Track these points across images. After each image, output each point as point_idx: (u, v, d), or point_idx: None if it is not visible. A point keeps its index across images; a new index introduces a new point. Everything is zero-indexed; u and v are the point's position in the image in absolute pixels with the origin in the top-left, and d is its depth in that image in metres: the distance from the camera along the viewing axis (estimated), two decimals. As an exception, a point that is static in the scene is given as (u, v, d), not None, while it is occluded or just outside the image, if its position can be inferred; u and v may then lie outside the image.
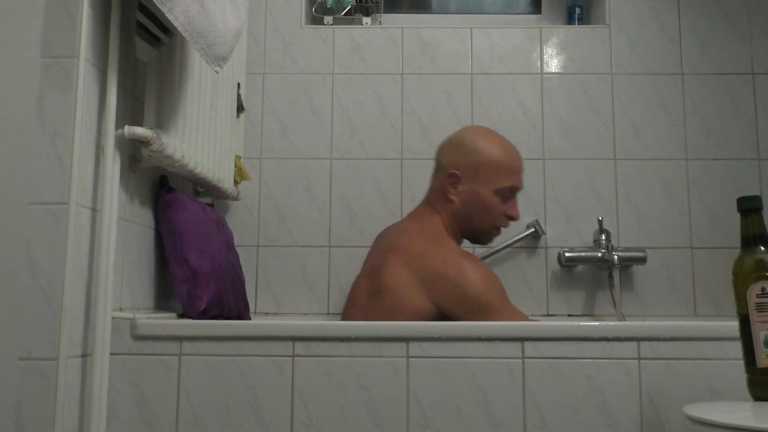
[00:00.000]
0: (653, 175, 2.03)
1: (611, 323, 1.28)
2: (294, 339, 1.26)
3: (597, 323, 1.28)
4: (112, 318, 1.26)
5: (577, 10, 2.19)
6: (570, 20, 2.20)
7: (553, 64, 2.09)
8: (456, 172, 1.56)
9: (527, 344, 1.26)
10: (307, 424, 1.24)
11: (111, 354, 1.25)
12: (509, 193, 1.58)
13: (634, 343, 1.25)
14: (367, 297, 1.54)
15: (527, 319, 1.49)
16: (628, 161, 2.03)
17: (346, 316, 1.64)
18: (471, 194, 1.56)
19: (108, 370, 1.24)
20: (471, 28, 2.10)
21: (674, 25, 2.09)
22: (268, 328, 1.27)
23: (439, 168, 1.62)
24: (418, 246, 1.50)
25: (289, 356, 1.26)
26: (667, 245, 2.00)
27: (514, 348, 1.26)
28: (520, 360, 1.25)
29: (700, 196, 2.02)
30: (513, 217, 1.59)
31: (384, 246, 1.59)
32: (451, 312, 1.45)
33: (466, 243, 1.66)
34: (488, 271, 1.50)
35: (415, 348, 1.26)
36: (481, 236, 1.62)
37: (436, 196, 1.61)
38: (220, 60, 1.31)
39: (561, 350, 1.26)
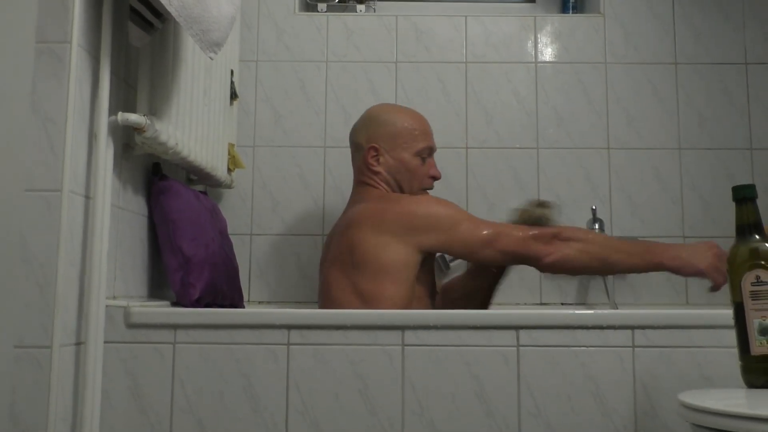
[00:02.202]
0: (646, 164, 2.03)
1: (606, 311, 1.28)
2: (289, 327, 1.26)
3: (592, 311, 1.28)
4: (106, 306, 1.25)
5: (572, -1, 2.19)
6: (564, 9, 2.19)
7: (548, 52, 2.08)
8: (375, 145, 1.61)
9: (522, 332, 1.26)
10: (302, 411, 1.24)
11: (105, 342, 1.24)
12: (427, 154, 1.64)
13: (629, 331, 1.25)
14: (346, 278, 1.49)
15: (493, 230, 1.50)
16: (622, 150, 2.04)
17: (326, 304, 1.57)
18: (394, 163, 1.61)
19: (102, 359, 1.24)
20: (465, 16, 2.09)
21: (668, 14, 2.09)
22: (264, 316, 1.27)
23: (357, 148, 1.65)
24: (374, 208, 1.53)
25: (284, 344, 1.25)
26: (660, 234, 2.00)
27: (509, 336, 1.26)
28: (515, 348, 1.25)
29: (693, 185, 2.03)
30: (436, 177, 1.66)
31: (340, 231, 1.58)
32: (434, 243, 1.48)
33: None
34: (446, 201, 1.56)
35: (410, 336, 1.25)
36: None
37: (363, 174, 1.63)
38: (214, 46, 1.29)
39: (555, 338, 1.26)
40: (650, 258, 1.45)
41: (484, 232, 1.47)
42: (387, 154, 1.61)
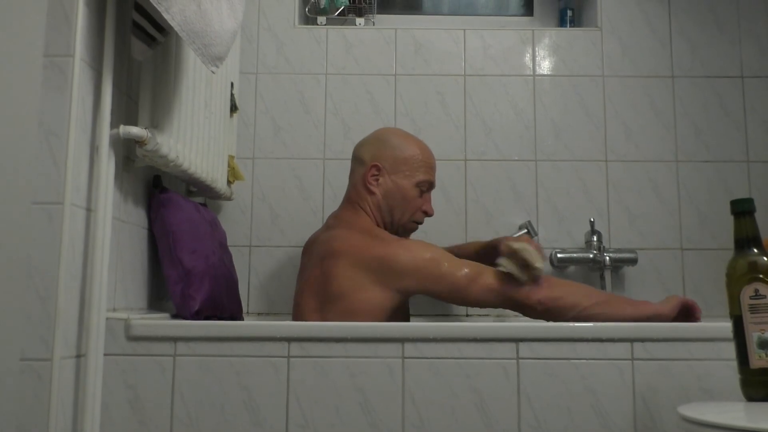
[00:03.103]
0: (644, 176, 2.04)
1: (605, 324, 1.29)
2: (289, 339, 1.26)
3: (591, 324, 1.29)
4: (107, 318, 1.25)
5: (569, 13, 2.20)
6: (562, 23, 2.21)
7: (546, 66, 2.10)
8: (378, 164, 1.60)
9: (522, 345, 1.26)
10: (302, 425, 1.24)
11: (105, 355, 1.25)
12: (426, 188, 1.63)
13: (628, 344, 1.26)
14: (318, 309, 1.47)
15: (475, 268, 1.45)
16: (620, 163, 2.05)
17: None
18: (392, 186, 1.59)
19: (102, 371, 1.24)
20: (464, 30, 2.11)
21: (665, 28, 2.10)
22: (264, 329, 1.27)
23: (359, 162, 1.64)
24: (357, 243, 1.48)
25: (284, 357, 1.25)
26: (658, 246, 2.01)
27: (508, 349, 1.26)
28: (515, 361, 1.26)
29: (690, 197, 2.04)
30: (428, 213, 1.64)
31: (319, 254, 1.54)
32: (416, 286, 1.43)
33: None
34: (428, 243, 1.51)
35: (410, 349, 1.26)
36: (399, 231, 1.62)
37: (358, 192, 1.62)
38: (216, 60, 1.30)
39: (555, 351, 1.26)
40: (641, 308, 1.43)
41: (466, 270, 1.43)
42: (388, 176, 1.59)
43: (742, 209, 1.11)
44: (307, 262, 1.63)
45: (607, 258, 1.92)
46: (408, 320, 1.56)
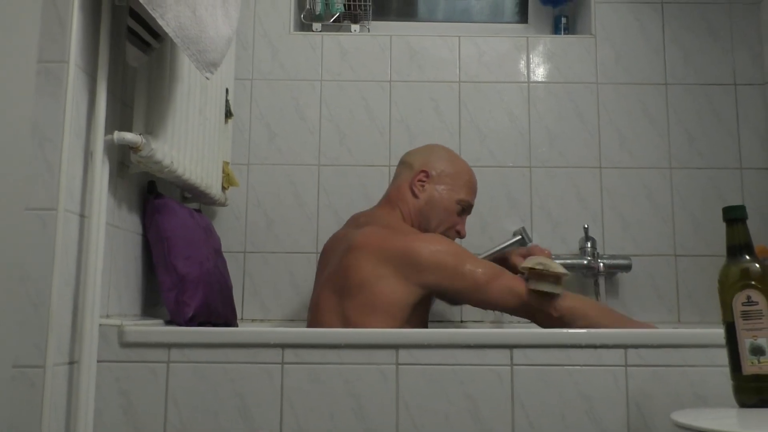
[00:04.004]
0: (638, 183, 2.05)
1: (599, 330, 1.29)
2: (283, 346, 1.26)
3: (585, 330, 1.29)
4: (100, 325, 1.25)
5: (563, 20, 2.21)
6: (556, 30, 2.22)
7: (540, 73, 2.11)
8: (427, 170, 1.62)
9: (516, 351, 1.26)
10: (296, 431, 1.23)
11: (98, 361, 1.24)
12: (466, 208, 1.65)
13: (621, 350, 1.26)
14: (337, 306, 1.46)
15: (496, 269, 1.46)
16: (614, 170, 2.06)
17: (312, 324, 1.55)
18: (436, 196, 1.61)
19: (95, 378, 1.23)
20: (459, 37, 2.12)
21: (658, 36, 2.12)
22: (258, 335, 1.27)
23: (407, 167, 1.66)
24: (380, 236, 1.47)
25: (278, 363, 1.25)
26: (652, 253, 2.02)
27: (502, 355, 1.27)
28: (509, 367, 1.26)
29: (684, 204, 2.05)
30: (461, 234, 1.66)
31: (341, 250, 1.53)
32: (438, 281, 1.42)
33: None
34: (450, 240, 1.52)
35: (404, 355, 1.26)
36: None
37: (401, 193, 1.63)
38: (211, 66, 1.30)
39: (549, 357, 1.26)
40: (642, 326, 1.45)
41: (488, 269, 1.43)
42: (434, 185, 1.62)
43: (734, 216, 1.12)
44: (327, 260, 1.61)
45: (601, 264, 1.93)
46: (426, 323, 1.53)
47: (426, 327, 1.53)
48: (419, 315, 1.47)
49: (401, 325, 1.41)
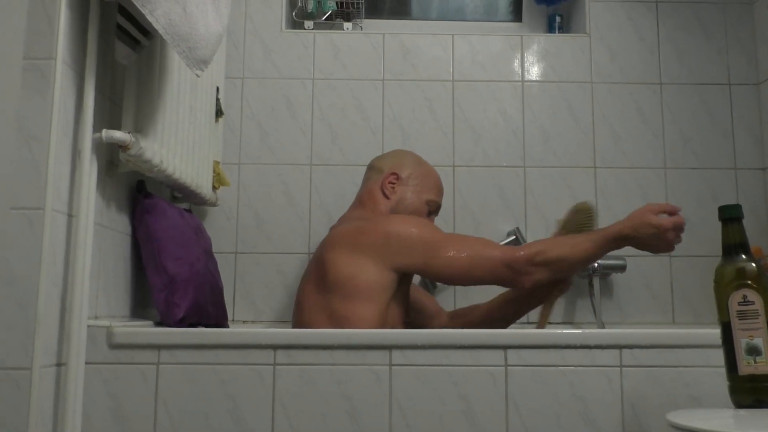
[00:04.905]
0: (632, 183, 2.05)
1: (593, 331, 1.29)
2: (275, 347, 1.25)
3: (579, 331, 1.29)
4: (88, 326, 1.24)
5: (558, 19, 2.22)
6: (550, 29, 2.22)
7: (534, 71, 2.11)
8: (397, 172, 1.67)
9: (510, 352, 1.26)
10: (288, 433, 1.23)
11: (86, 363, 1.23)
12: (434, 209, 1.70)
13: (616, 351, 1.26)
14: (321, 303, 1.49)
15: (470, 245, 1.51)
16: (608, 169, 2.06)
17: (298, 324, 1.58)
18: (407, 196, 1.66)
19: (83, 380, 1.22)
20: (452, 35, 2.12)
21: (653, 35, 2.12)
22: (249, 336, 1.26)
23: (377, 171, 1.70)
24: (351, 229, 1.54)
25: (270, 365, 1.25)
26: (646, 254, 2.02)
27: (496, 356, 1.26)
28: (503, 368, 1.26)
29: (679, 204, 2.04)
30: None
31: (318, 249, 1.60)
32: (411, 263, 1.47)
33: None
34: (421, 219, 1.57)
35: (397, 356, 1.25)
36: None
37: (372, 195, 1.67)
38: (201, 63, 1.30)
39: (544, 358, 1.26)
40: (609, 236, 1.49)
41: (462, 255, 1.47)
42: (403, 186, 1.66)
43: (730, 215, 1.12)
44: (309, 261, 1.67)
45: (596, 265, 1.93)
46: (408, 302, 1.58)
47: (407, 309, 1.58)
48: (401, 298, 1.53)
49: (385, 308, 1.46)
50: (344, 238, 1.51)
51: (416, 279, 1.94)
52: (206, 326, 1.53)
